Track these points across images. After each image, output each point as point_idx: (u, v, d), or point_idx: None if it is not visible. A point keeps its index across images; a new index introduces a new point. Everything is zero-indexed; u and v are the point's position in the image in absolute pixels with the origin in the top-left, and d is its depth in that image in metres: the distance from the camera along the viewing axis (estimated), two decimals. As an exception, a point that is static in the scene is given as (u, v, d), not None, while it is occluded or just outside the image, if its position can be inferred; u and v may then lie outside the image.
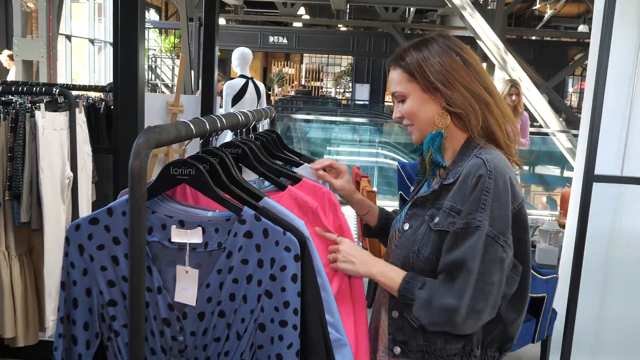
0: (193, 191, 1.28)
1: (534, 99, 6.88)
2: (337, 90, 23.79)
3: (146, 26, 16.79)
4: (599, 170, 2.84)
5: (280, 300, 1.06)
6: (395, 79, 1.41)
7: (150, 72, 17.83)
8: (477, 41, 7.47)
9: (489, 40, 7.06)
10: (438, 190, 1.37)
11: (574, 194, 2.97)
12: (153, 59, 18.93)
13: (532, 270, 2.74)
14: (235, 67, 5.13)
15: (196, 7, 14.87)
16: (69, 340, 1.17)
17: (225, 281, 1.07)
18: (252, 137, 1.50)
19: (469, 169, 1.32)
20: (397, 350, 1.39)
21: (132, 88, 2.76)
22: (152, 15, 18.03)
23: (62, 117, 2.53)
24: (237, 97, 4.97)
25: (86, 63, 14.59)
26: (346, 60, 23.33)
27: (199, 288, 1.07)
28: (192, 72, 13.75)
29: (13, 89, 2.53)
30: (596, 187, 2.85)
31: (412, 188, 1.61)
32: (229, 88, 5.02)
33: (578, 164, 2.94)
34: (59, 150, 2.52)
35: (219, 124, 1.20)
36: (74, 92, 3.05)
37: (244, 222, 1.06)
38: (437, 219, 1.33)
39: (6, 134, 2.40)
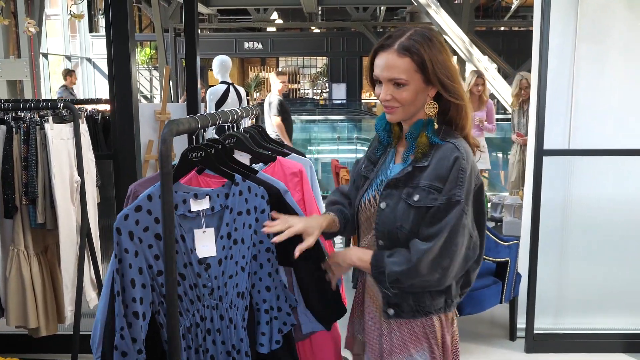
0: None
1: (500, 87, 7.27)
2: (315, 91, 24.13)
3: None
4: (548, 145, 3.20)
5: (264, 235, 1.43)
6: (400, 66, 1.52)
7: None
8: (444, 36, 7.87)
9: (455, 34, 7.44)
10: (411, 172, 1.56)
11: (528, 168, 3.32)
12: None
13: (495, 238, 3.10)
14: (216, 74, 5.43)
15: (170, 18, 15.12)
16: (131, 316, 1.38)
17: (231, 231, 1.41)
18: (242, 130, 1.83)
19: (443, 153, 1.52)
20: (391, 311, 1.61)
21: (128, 100, 3.05)
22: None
23: (67, 128, 2.82)
24: (220, 102, 5.27)
25: (61, 79, 14.77)
26: (321, 62, 23.68)
27: (215, 241, 1.40)
28: (171, 82, 13.98)
29: (21, 105, 2.81)
30: (547, 160, 3.21)
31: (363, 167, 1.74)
32: (211, 94, 5.32)
33: (530, 141, 3.29)
34: (67, 157, 2.81)
35: (217, 119, 1.52)
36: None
37: (237, 184, 1.42)
38: (416, 197, 1.53)
39: (19, 145, 2.69)
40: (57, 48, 14.54)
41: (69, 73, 10.19)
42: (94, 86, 15.87)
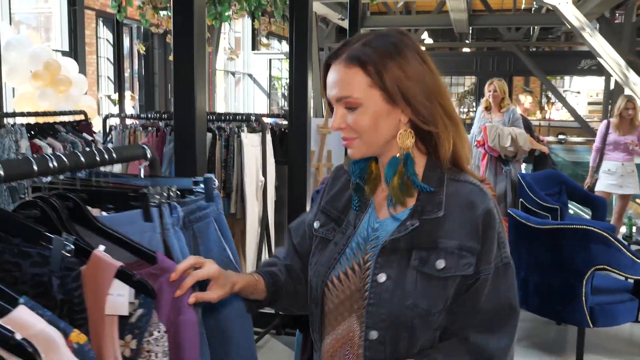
0: None
1: (658, 112, 7.07)
2: (461, 109, 24.06)
3: (280, 57, 17.90)
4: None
5: None
6: (350, 81, 1.14)
7: (284, 100, 19.37)
8: (598, 59, 7.78)
9: (610, 57, 7.36)
10: (419, 228, 1.14)
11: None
12: (286, 86, 20.45)
13: (632, 256, 3.28)
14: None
15: (326, 37, 16.07)
16: None
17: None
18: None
19: (467, 197, 1.15)
20: None
21: (303, 116, 3.62)
22: (284, 46, 19.51)
23: (256, 137, 3.46)
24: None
25: (219, 93, 16.32)
26: (469, 80, 23.59)
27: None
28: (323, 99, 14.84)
29: (223, 117, 3.50)
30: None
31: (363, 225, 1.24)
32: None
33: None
34: (254, 161, 3.44)
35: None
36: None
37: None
38: (441, 263, 1.12)
39: (220, 149, 3.36)
40: (220, 64, 16.06)
41: None
42: (253, 99, 17.27)
